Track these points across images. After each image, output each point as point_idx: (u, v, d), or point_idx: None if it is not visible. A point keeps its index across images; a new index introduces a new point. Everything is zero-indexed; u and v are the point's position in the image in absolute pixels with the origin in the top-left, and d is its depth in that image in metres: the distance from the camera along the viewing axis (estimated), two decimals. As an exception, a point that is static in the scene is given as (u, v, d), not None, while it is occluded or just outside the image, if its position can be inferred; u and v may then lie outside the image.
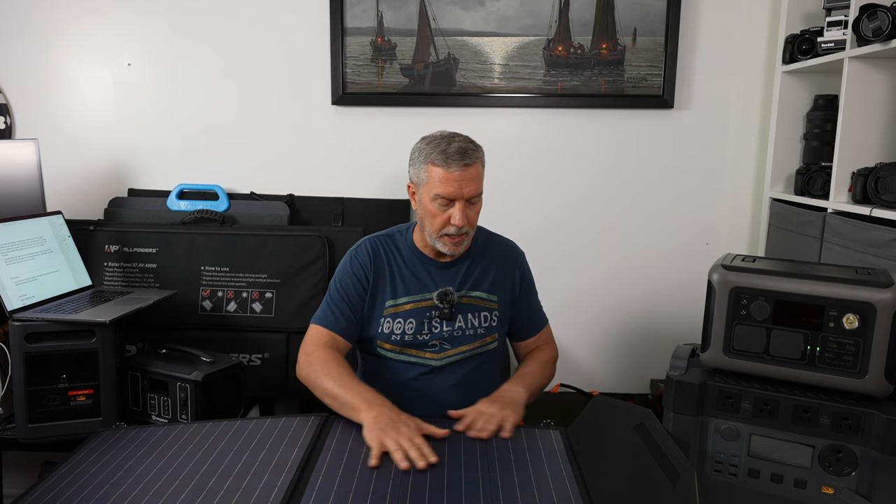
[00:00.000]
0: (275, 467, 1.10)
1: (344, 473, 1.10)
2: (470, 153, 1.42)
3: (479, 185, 1.45)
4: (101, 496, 1.07)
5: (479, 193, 1.46)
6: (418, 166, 1.46)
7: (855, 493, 1.02)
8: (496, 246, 1.61)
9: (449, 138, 1.44)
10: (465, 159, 1.41)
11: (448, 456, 1.16)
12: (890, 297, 1.00)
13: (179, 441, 1.25)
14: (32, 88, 2.44)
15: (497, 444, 1.21)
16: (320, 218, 2.41)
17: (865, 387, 1.03)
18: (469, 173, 1.41)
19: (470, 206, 1.44)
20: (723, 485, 1.12)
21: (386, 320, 1.49)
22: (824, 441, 1.04)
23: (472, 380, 1.51)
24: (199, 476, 1.10)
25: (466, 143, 1.44)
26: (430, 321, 1.48)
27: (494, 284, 1.55)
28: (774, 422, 1.08)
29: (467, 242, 1.49)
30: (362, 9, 2.37)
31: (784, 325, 1.08)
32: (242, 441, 1.22)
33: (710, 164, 2.47)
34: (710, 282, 1.13)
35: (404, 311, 1.49)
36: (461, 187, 1.41)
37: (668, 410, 1.16)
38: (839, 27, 2.00)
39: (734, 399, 1.10)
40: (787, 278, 1.08)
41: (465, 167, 1.41)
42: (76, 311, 1.75)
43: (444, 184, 1.41)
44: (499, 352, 1.56)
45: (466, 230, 1.45)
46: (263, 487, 1.05)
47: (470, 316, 1.51)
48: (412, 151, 1.49)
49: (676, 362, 1.18)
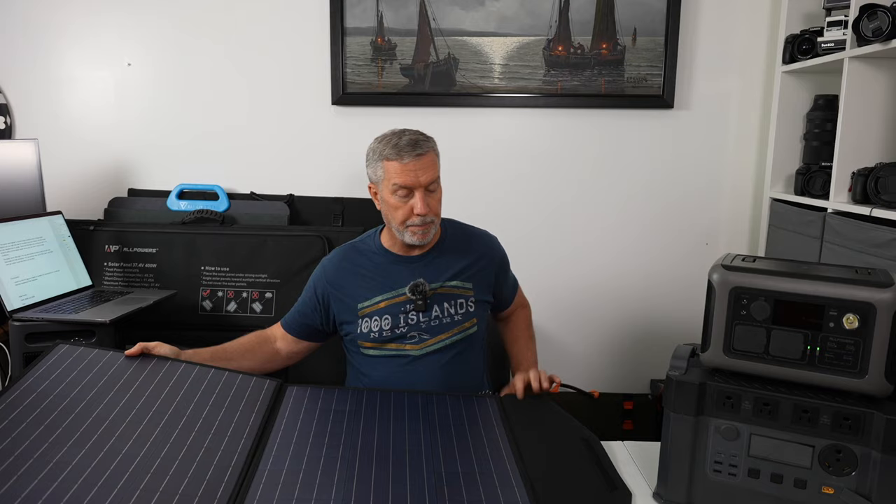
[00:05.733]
0: (234, 430, 1.15)
1: (298, 440, 1.16)
2: (421, 143, 1.47)
3: (434, 171, 1.49)
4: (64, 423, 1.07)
5: (436, 180, 1.50)
6: (374, 165, 1.50)
7: (855, 493, 1.02)
8: (468, 236, 1.64)
9: (399, 133, 1.49)
10: (417, 149, 1.45)
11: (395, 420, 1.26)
12: (890, 297, 1.00)
13: (142, 375, 1.26)
14: (32, 88, 2.45)
15: (439, 412, 1.32)
16: (320, 218, 2.41)
17: (865, 387, 1.03)
18: (423, 162, 1.46)
19: (429, 193, 1.48)
20: (723, 485, 1.12)
21: (364, 321, 1.52)
22: (824, 441, 1.04)
23: (454, 367, 1.53)
24: (162, 424, 1.12)
25: (416, 135, 1.49)
26: (406, 314, 1.51)
27: (469, 273, 1.58)
28: (774, 422, 1.08)
29: (434, 231, 1.52)
30: (362, 9, 2.37)
31: (784, 325, 1.08)
32: (202, 392, 1.25)
33: (710, 165, 2.48)
34: (710, 282, 1.13)
35: (379, 308, 1.52)
36: (417, 176, 1.45)
37: (668, 410, 1.16)
38: (839, 27, 2.00)
39: (734, 399, 1.10)
40: (787, 278, 1.08)
41: (418, 157, 1.45)
42: (76, 311, 1.76)
43: (400, 175, 1.45)
44: (480, 335, 1.59)
45: (431, 218, 1.49)
46: (224, 449, 1.09)
47: (446, 305, 1.53)
48: (367, 153, 1.54)
49: (676, 362, 1.17)
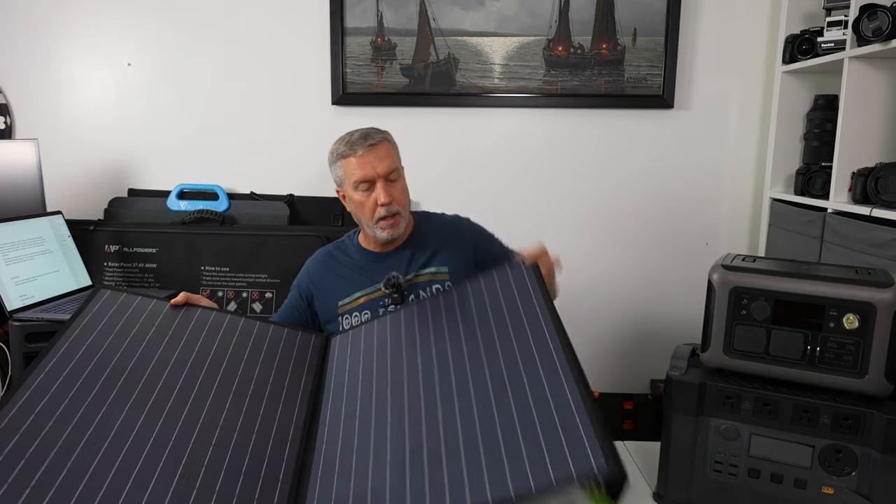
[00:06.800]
0: (287, 394, 1.15)
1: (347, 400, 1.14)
2: (372, 135, 1.49)
3: (391, 161, 1.49)
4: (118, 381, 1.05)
5: (396, 169, 1.50)
6: (335, 166, 1.53)
7: (855, 493, 1.03)
8: (438, 224, 1.65)
9: (351, 132, 1.52)
10: (369, 140, 1.48)
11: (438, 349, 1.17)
12: (890, 297, 1.00)
13: (189, 326, 1.25)
14: (32, 88, 2.45)
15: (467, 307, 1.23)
16: (320, 218, 2.41)
17: (865, 387, 1.03)
18: (377, 152, 1.47)
19: (391, 183, 1.49)
20: (723, 485, 1.12)
21: (344, 317, 1.54)
22: (824, 441, 1.05)
23: None
24: (216, 386, 1.11)
25: (368, 129, 1.52)
26: (384, 308, 1.53)
27: (444, 258, 1.58)
28: (774, 422, 1.08)
29: (404, 224, 1.53)
30: (362, 9, 2.37)
31: (784, 325, 1.08)
32: (251, 349, 1.24)
33: (710, 164, 2.48)
34: (710, 282, 1.13)
35: (358, 304, 1.54)
36: (374, 167, 1.47)
37: (668, 410, 1.16)
38: (839, 27, 2.00)
39: (734, 399, 1.10)
40: (787, 278, 1.08)
41: (371, 147, 1.47)
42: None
43: (358, 169, 1.47)
44: None
45: (396, 209, 1.49)
46: (280, 419, 1.08)
47: (421, 293, 1.54)
48: (327, 157, 1.56)
49: (676, 362, 1.18)
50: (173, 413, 1.02)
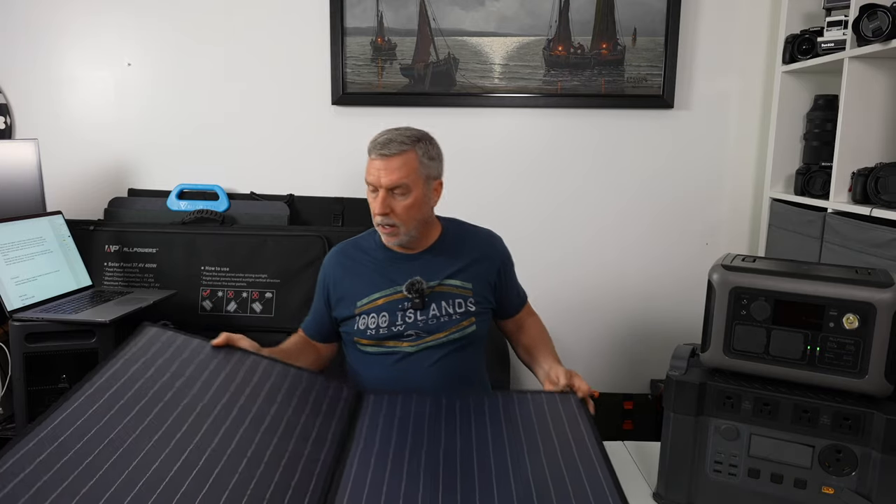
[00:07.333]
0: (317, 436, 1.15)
1: (379, 448, 1.14)
2: (392, 145, 1.43)
3: (401, 175, 1.43)
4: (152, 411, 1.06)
5: (403, 184, 1.44)
6: None
7: (855, 493, 1.03)
8: (470, 236, 1.61)
9: (384, 132, 1.47)
10: (384, 149, 1.42)
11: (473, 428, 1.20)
12: (890, 297, 1.00)
13: (227, 367, 1.27)
14: (32, 88, 2.45)
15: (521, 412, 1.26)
16: (320, 218, 2.41)
17: (865, 387, 1.03)
18: (389, 163, 1.42)
19: (394, 196, 1.44)
20: (723, 485, 1.12)
21: (361, 318, 1.51)
22: (824, 441, 1.05)
23: (448, 364, 1.51)
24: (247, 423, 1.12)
25: (396, 134, 1.45)
26: (403, 312, 1.50)
27: (469, 273, 1.55)
28: (774, 422, 1.08)
29: (405, 237, 1.49)
30: (362, 9, 2.37)
31: (784, 325, 1.08)
32: (285, 392, 1.26)
33: (710, 164, 2.48)
34: (710, 282, 1.13)
35: (377, 306, 1.51)
36: (379, 177, 1.43)
37: (668, 410, 1.16)
38: (839, 27, 2.00)
39: (734, 399, 1.10)
40: (787, 278, 1.08)
41: (384, 157, 1.42)
42: (76, 311, 1.76)
43: (368, 171, 1.45)
44: (479, 336, 1.56)
45: (392, 221, 1.45)
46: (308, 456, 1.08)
47: (444, 304, 1.51)
48: None
49: (676, 362, 1.17)
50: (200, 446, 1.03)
